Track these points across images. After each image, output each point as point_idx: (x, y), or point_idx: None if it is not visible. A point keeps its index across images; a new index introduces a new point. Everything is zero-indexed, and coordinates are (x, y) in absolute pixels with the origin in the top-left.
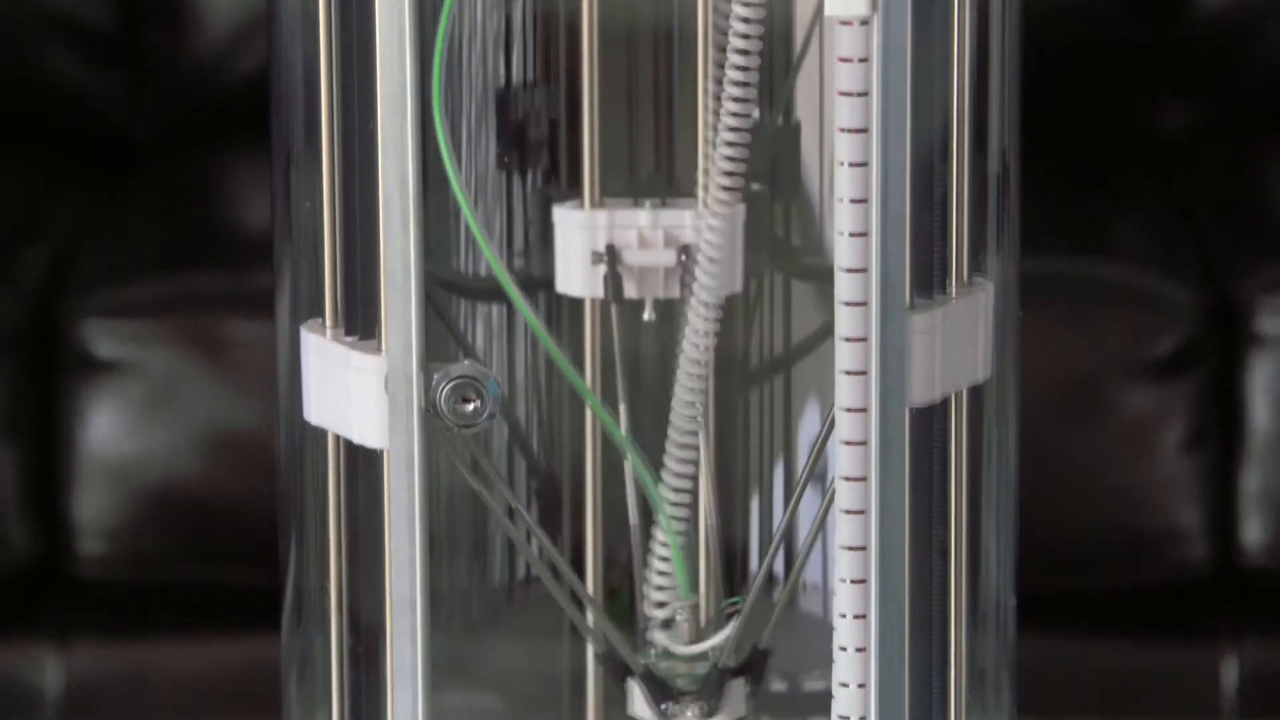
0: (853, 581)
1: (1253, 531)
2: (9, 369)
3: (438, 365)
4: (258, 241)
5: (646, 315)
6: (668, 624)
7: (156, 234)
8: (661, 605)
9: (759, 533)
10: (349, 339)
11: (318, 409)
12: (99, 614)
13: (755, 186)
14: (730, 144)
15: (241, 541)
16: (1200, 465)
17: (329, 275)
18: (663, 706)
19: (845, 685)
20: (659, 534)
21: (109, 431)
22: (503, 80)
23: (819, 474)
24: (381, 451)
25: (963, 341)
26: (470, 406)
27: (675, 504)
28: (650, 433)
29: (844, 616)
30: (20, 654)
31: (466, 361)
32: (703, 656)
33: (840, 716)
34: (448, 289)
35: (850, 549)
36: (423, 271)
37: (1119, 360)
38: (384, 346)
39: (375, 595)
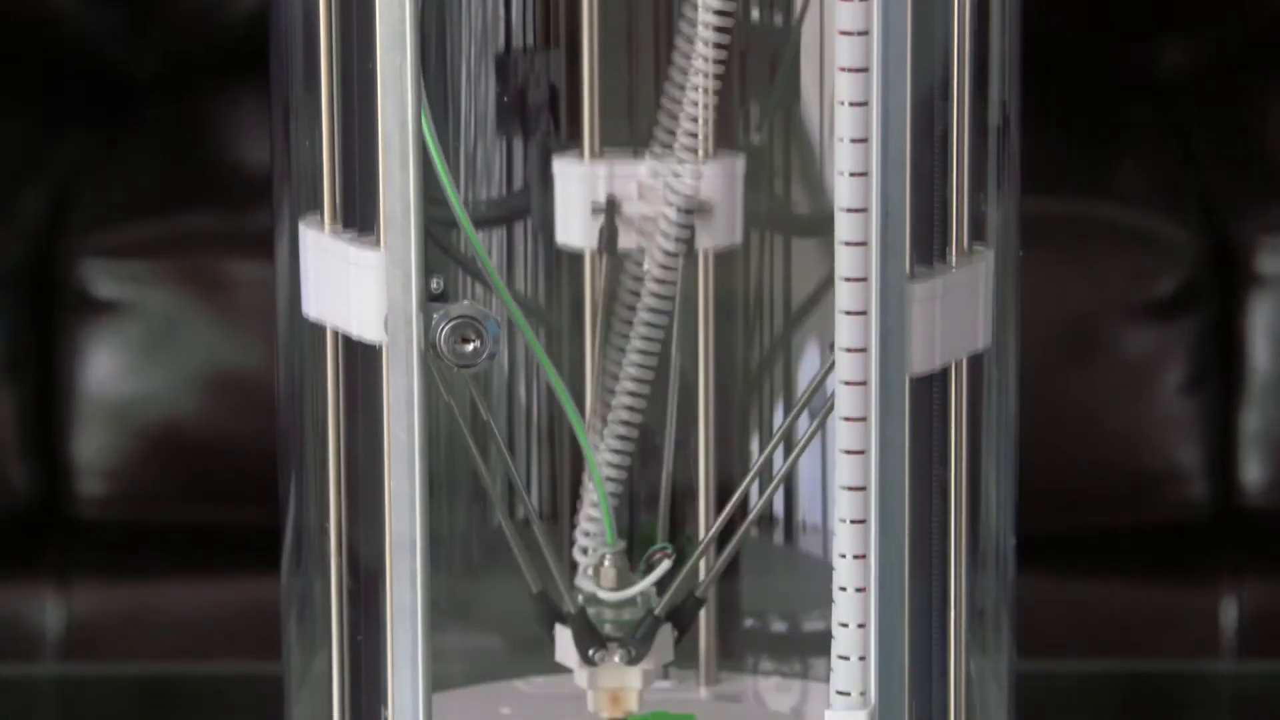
0: (853, 522)
1: (1252, 472)
2: (8, 309)
3: (437, 305)
4: (257, 181)
5: (646, 265)
6: (596, 570)
7: (156, 174)
8: (587, 552)
9: (711, 480)
10: (348, 233)
11: (316, 304)
12: (99, 554)
13: (756, 139)
14: (711, 93)
15: (241, 481)
16: (1200, 406)
17: (328, 217)
18: (589, 652)
19: (845, 625)
20: (589, 481)
21: (108, 372)
22: (502, 31)
23: (809, 409)
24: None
25: (963, 309)
26: (470, 346)
27: (616, 450)
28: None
29: (844, 557)
30: (20, 594)
31: (466, 301)
32: (630, 603)
33: (840, 656)
34: (448, 228)
35: (850, 489)
36: (422, 211)
37: (1119, 301)
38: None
39: (375, 536)
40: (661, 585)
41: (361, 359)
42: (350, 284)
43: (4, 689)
